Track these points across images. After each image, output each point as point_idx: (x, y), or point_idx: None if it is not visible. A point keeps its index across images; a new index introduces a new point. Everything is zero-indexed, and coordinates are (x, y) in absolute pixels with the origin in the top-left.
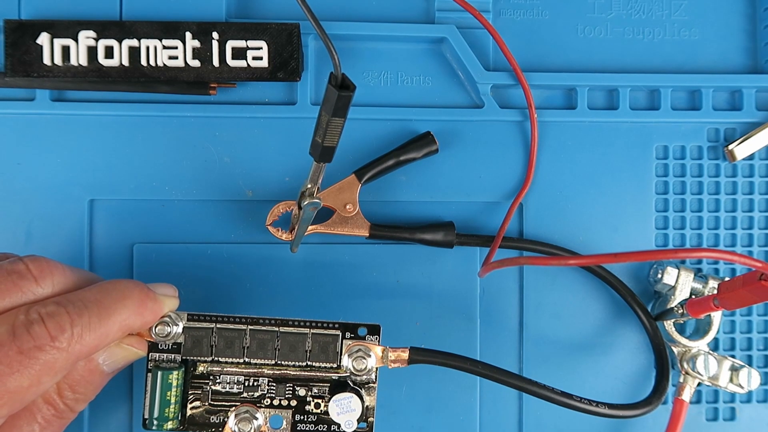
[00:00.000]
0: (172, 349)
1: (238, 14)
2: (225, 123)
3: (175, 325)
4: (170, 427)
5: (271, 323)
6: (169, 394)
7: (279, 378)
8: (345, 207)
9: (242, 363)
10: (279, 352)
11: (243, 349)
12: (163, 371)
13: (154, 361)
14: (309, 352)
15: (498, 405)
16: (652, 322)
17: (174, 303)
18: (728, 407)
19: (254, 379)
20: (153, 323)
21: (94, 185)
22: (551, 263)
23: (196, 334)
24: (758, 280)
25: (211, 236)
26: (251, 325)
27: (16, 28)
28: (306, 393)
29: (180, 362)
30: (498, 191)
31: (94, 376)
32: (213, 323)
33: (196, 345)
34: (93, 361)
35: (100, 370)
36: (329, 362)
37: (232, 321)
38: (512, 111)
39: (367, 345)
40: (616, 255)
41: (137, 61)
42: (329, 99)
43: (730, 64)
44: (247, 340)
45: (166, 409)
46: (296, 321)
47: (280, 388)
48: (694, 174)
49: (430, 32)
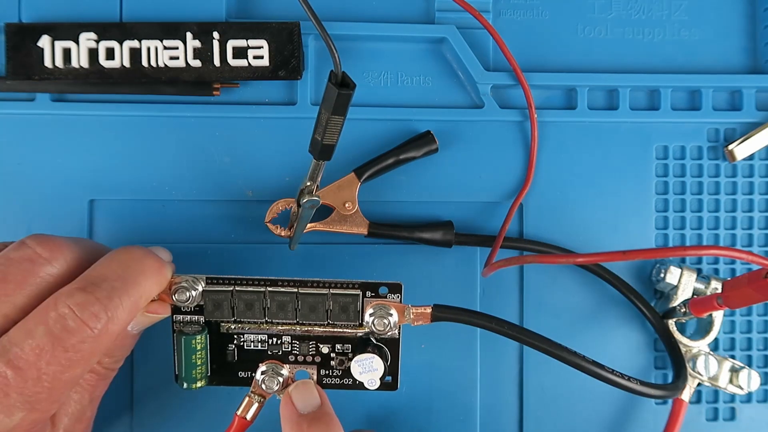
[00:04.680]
0: (194, 311)
1: (238, 14)
2: (225, 123)
3: (194, 289)
4: (200, 385)
5: (290, 284)
6: (194, 357)
7: (302, 336)
8: (344, 205)
9: (264, 323)
10: (299, 313)
11: (264, 311)
12: (187, 336)
13: (179, 323)
14: (329, 312)
15: (498, 405)
16: (657, 316)
17: (172, 267)
18: (728, 407)
19: (277, 338)
20: (163, 289)
21: (94, 185)
22: (558, 261)
23: (216, 297)
24: (763, 278)
25: (211, 236)
26: (270, 286)
27: (17, 32)
28: (329, 351)
29: (203, 324)
30: (498, 191)
31: (126, 340)
32: (231, 285)
33: (218, 307)
34: (124, 330)
35: (130, 335)
36: (350, 321)
37: (250, 283)
38: (512, 111)
39: (389, 303)
40: (625, 253)
41: (138, 62)
42: (329, 97)
43: (730, 64)
44: (267, 302)
45: (193, 371)
46: (315, 282)
47: (304, 345)
48: (694, 174)
49: (430, 32)
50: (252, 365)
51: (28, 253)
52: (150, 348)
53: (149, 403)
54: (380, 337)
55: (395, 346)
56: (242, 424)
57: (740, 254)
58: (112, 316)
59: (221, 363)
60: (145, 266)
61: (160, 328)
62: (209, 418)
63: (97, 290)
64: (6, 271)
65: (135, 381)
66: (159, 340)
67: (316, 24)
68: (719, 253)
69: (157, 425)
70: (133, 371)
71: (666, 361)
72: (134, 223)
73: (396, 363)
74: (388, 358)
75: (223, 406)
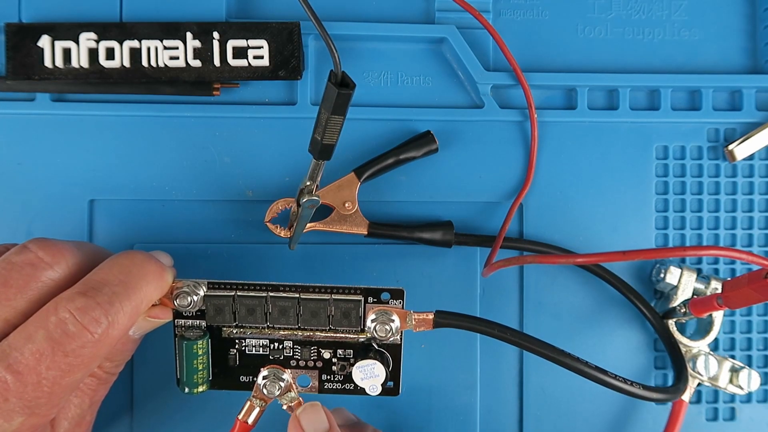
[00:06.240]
0: (196, 315)
1: (238, 14)
2: (225, 123)
3: (196, 294)
4: (201, 390)
5: (292, 290)
6: (196, 362)
7: (303, 341)
8: (344, 205)
9: (266, 328)
10: (301, 318)
11: (265, 316)
12: (188, 341)
13: (180, 328)
14: (331, 318)
15: (498, 405)
16: (657, 316)
17: (173, 272)
18: (728, 407)
19: (279, 343)
20: (164, 293)
21: (94, 185)
22: (558, 261)
23: (218, 302)
24: (763, 279)
25: (211, 236)
26: (271, 291)
27: (17, 31)
28: (331, 356)
29: (204, 329)
30: (498, 191)
31: (127, 345)
32: (233, 291)
33: (219, 312)
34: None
35: (131, 340)
36: (352, 327)
37: (252, 288)
38: (512, 111)
39: (390, 309)
40: (625, 253)
41: (138, 62)
42: (329, 97)
43: (730, 64)
44: (269, 307)
45: (194, 376)
46: (317, 287)
47: (305, 351)
48: (694, 174)
49: (430, 32)
50: (253, 370)
51: (30, 258)
52: (150, 351)
53: (149, 407)
54: (382, 342)
55: (397, 352)
56: (244, 428)
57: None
58: (113, 320)
59: (223, 367)
60: (146, 271)
61: (160, 332)
62: (209, 422)
63: (98, 295)
64: (8, 275)
65: (135, 384)
66: (159, 344)
67: (316, 24)
68: (719, 254)
69: (157, 429)
70: (133, 375)
71: (666, 361)
72: (134, 223)
73: (398, 369)
74: (389, 363)
75: (223, 410)
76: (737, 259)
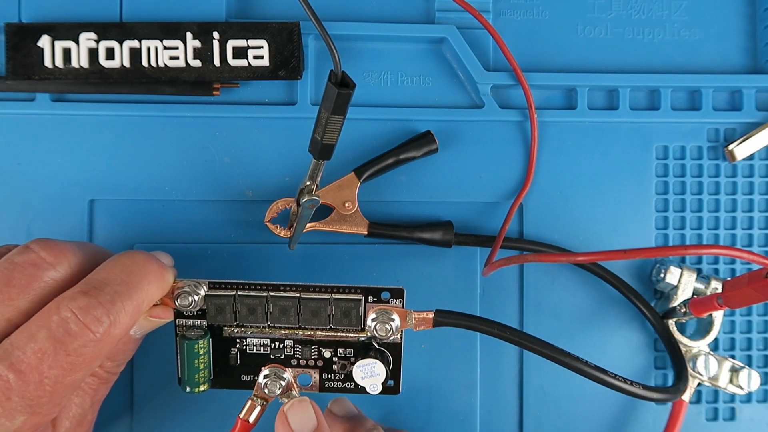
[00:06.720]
0: (197, 315)
1: (238, 14)
2: (225, 123)
3: (197, 294)
4: (202, 389)
5: (292, 289)
6: (197, 362)
7: (304, 340)
8: (344, 205)
9: (266, 327)
10: (302, 318)
11: (266, 315)
12: (190, 341)
13: (181, 327)
14: (332, 317)
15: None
16: (657, 316)
17: (174, 271)
18: (728, 407)
19: (280, 342)
20: (165, 293)
21: (94, 185)
22: (558, 260)
23: (219, 302)
24: (763, 278)
25: (211, 236)
26: (272, 291)
27: (17, 32)
28: (331, 355)
29: (205, 329)
30: (498, 191)
31: (128, 344)
32: (234, 290)
33: (220, 312)
34: (126, 334)
35: (133, 339)
36: (352, 326)
37: (253, 288)
38: (512, 111)
39: (391, 308)
40: (625, 251)
41: (138, 62)
42: (329, 96)
43: (730, 64)
44: (269, 306)
45: (196, 375)
46: (317, 286)
47: (306, 350)
48: (694, 174)
49: (430, 32)
50: (254, 369)
51: (33, 258)
52: (151, 351)
53: (150, 407)
54: (382, 341)
55: (397, 351)
56: (245, 427)
57: (740, 253)
58: (115, 320)
59: (224, 367)
60: (147, 271)
61: (160, 331)
62: (210, 421)
63: (99, 294)
64: (10, 276)
65: (135, 384)
66: (159, 343)
67: (316, 24)
68: (720, 252)
69: (158, 428)
70: (134, 374)
71: (666, 361)
72: (134, 223)
73: (398, 367)
74: (390, 362)
75: (224, 409)
76: (738, 258)
